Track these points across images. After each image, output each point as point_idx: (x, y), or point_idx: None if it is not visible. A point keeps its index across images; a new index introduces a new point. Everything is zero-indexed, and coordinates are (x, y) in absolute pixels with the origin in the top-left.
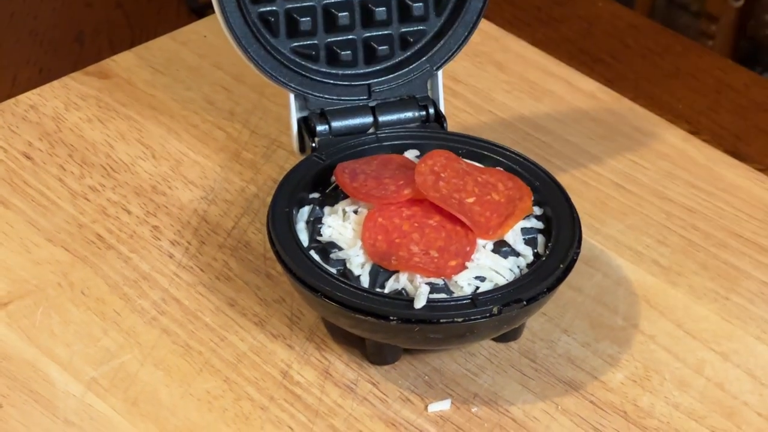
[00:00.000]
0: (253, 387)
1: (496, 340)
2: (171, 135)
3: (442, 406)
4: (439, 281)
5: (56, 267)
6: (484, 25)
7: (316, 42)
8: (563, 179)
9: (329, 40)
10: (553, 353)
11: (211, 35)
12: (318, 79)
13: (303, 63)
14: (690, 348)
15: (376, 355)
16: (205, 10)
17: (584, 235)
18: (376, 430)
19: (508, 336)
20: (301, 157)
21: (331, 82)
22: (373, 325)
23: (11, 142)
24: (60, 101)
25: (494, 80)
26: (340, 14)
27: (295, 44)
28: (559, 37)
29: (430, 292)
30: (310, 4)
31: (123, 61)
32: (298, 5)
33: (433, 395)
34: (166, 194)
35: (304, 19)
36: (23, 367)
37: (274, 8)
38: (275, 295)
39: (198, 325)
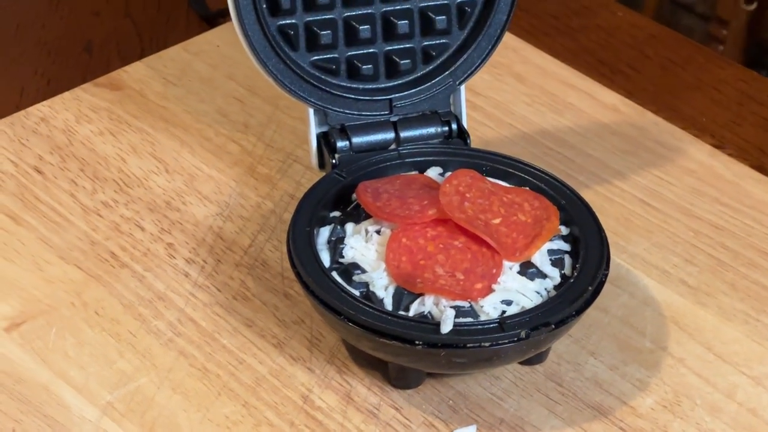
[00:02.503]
0: (273, 412)
1: (521, 363)
2: (184, 148)
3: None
4: (465, 304)
5: (69, 286)
6: None
7: (336, 56)
8: (586, 195)
9: (350, 53)
10: (580, 377)
11: (224, 45)
12: (338, 93)
13: (323, 77)
14: (721, 372)
15: (400, 379)
16: (215, 19)
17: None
18: None
19: (534, 359)
20: (320, 173)
21: (352, 96)
22: (397, 349)
23: (22, 155)
24: (71, 113)
25: (514, 93)
26: (361, 27)
27: (315, 58)
28: (577, 48)
29: (456, 316)
30: (331, 16)
31: (134, 72)
32: (319, 18)
33: (458, 420)
34: (180, 210)
35: (324, 32)
36: (37, 391)
37: (293, 21)
38: (294, 316)
39: (215, 347)
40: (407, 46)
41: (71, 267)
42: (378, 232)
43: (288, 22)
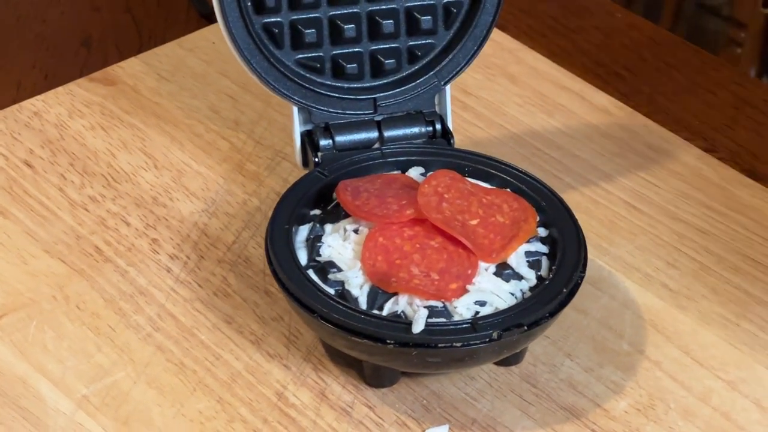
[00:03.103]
0: (247, 408)
1: (497, 363)
2: (174, 144)
3: (439, 431)
4: (439, 304)
5: (52, 279)
6: (498, 36)
7: (321, 54)
8: (572, 197)
9: (335, 52)
10: (555, 378)
11: (220, 42)
12: (323, 92)
13: (307, 75)
14: (697, 376)
15: (374, 377)
16: (214, 16)
17: (592, 256)
18: None
19: (510, 359)
20: (305, 171)
21: (336, 95)
22: (370, 348)
23: (12, 149)
24: (64, 108)
25: (506, 93)
26: (346, 26)
27: (300, 56)
28: (574, 49)
29: (430, 316)
30: (316, 15)
31: (129, 68)
32: (304, 16)
33: (431, 420)
34: (166, 206)
35: (309, 30)
36: (14, 383)
37: (278, 19)
38: (273, 313)
39: (193, 342)
40: (392, 45)
41: (55, 261)
42: (356, 231)
43: (273, 20)
